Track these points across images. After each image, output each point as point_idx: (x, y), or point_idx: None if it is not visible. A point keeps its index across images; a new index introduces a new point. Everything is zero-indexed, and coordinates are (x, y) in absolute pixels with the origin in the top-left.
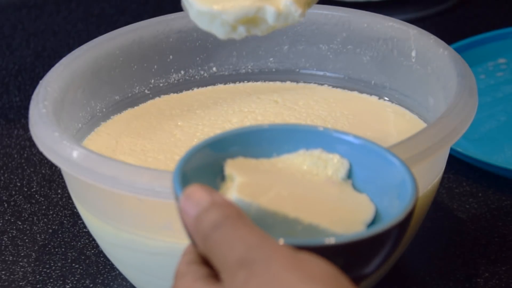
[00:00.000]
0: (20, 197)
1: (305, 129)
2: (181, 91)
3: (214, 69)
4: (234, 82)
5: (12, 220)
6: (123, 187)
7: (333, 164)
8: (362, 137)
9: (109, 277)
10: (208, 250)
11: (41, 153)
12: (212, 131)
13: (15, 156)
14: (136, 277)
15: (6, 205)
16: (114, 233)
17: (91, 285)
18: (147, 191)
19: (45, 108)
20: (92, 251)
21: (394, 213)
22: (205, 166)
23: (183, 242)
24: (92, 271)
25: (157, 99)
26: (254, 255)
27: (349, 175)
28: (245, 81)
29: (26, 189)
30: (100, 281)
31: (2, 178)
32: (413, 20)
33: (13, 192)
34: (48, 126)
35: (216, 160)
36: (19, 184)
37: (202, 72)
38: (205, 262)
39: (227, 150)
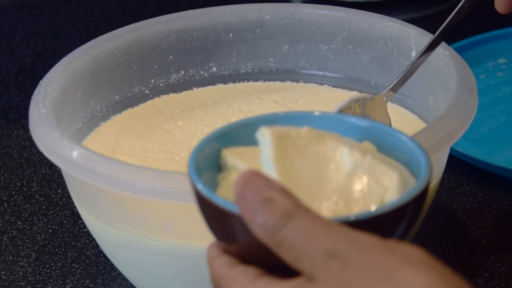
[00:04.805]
0: (20, 197)
1: (303, 115)
2: (181, 91)
3: (214, 69)
4: (234, 82)
5: (12, 220)
6: (123, 187)
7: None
8: (369, 119)
9: (109, 277)
10: (279, 241)
11: (41, 153)
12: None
13: (15, 156)
14: (136, 277)
15: (6, 205)
16: (114, 233)
17: (91, 285)
18: (147, 191)
19: (45, 108)
20: (92, 251)
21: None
22: (208, 157)
23: (183, 242)
24: (92, 271)
25: (157, 99)
26: (343, 245)
27: None
28: (245, 81)
29: (26, 189)
30: (100, 281)
31: (2, 178)
32: (413, 20)
33: (13, 192)
34: (48, 126)
35: (215, 151)
36: (19, 184)
37: (202, 72)
38: (244, 261)
39: (227, 142)
